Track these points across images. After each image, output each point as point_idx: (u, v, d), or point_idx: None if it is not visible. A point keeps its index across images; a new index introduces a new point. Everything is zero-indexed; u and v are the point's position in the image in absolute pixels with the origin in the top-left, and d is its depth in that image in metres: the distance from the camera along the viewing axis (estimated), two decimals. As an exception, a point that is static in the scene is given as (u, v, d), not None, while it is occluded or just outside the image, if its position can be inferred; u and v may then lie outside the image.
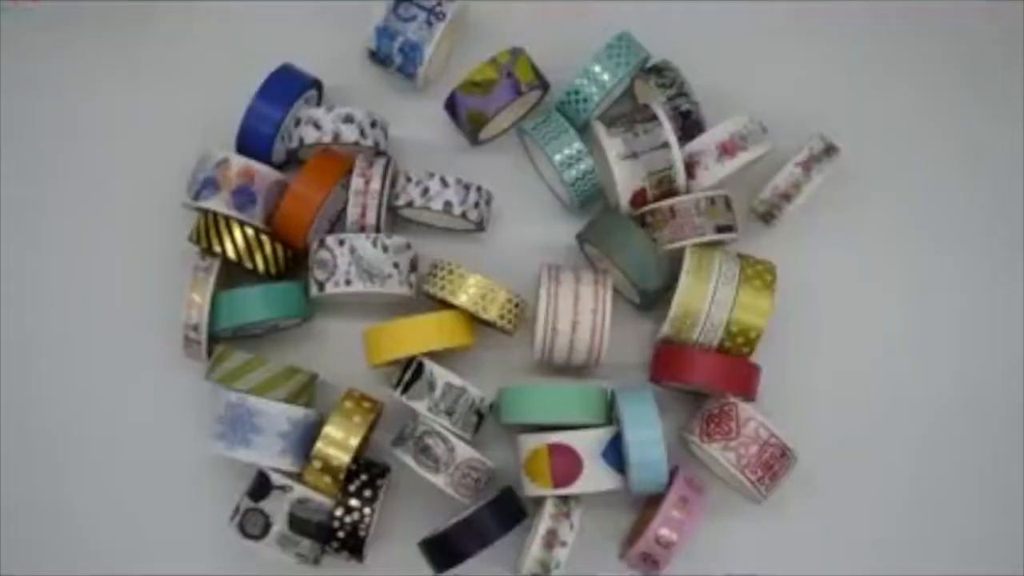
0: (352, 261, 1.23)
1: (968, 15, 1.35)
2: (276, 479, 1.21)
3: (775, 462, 1.22)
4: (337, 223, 1.33)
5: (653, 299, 1.27)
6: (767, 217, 1.32)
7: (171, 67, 1.35)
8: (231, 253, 1.25)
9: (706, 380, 1.22)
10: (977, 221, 1.33)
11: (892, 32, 1.36)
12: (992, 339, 1.31)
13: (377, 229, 1.27)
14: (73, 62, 1.34)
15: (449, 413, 1.21)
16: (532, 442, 1.21)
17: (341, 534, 1.20)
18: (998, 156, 1.34)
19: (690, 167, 1.28)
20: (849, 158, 1.31)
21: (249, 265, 1.26)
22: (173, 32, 1.35)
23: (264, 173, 1.26)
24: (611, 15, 1.33)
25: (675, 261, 1.26)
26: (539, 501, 1.23)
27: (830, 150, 1.28)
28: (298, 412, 1.22)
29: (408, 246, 1.26)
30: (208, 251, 1.26)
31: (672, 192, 1.28)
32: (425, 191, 1.27)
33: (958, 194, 1.34)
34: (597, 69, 1.28)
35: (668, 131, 1.25)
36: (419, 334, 1.22)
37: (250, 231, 1.26)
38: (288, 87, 1.28)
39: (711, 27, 1.35)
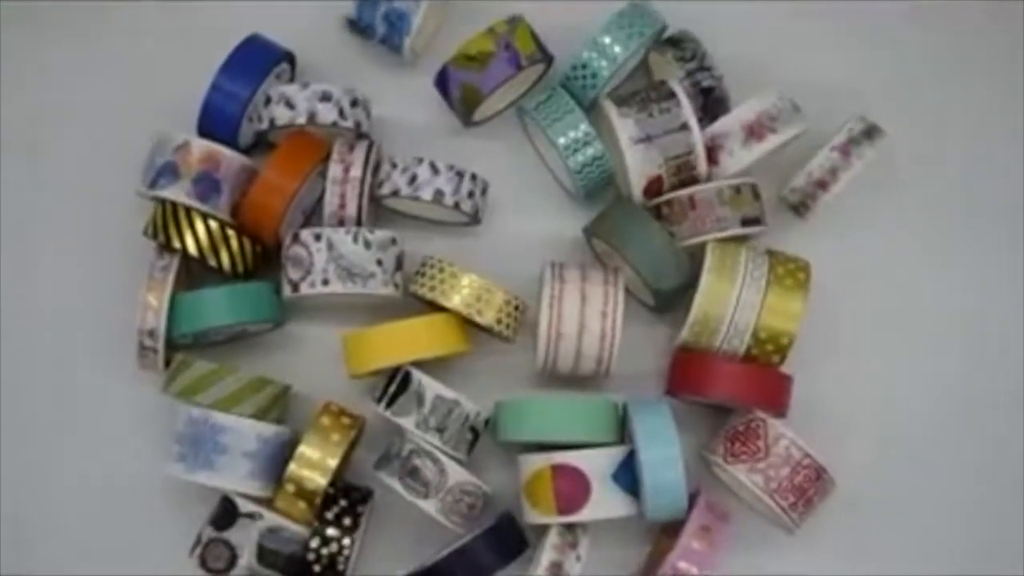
0: (330, 258, 1.23)
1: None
2: (243, 505, 1.21)
3: (809, 486, 1.22)
4: (313, 215, 1.32)
5: (670, 301, 1.27)
6: (800, 208, 1.31)
7: (124, 40, 1.35)
8: (192, 249, 1.25)
9: (730, 393, 1.22)
10: (1037, 213, 1.35)
11: (943, -1, 1.36)
12: (1056, 346, 1.33)
13: (358, 222, 1.26)
14: (16, 34, 1.34)
15: (440, 430, 1.22)
16: (534, 463, 1.21)
17: (317, 568, 1.20)
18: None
19: (712, 152, 1.27)
20: (894, 142, 1.30)
21: (213, 262, 1.25)
22: (127, 2, 1.35)
23: (230, 158, 1.26)
24: (623, -21, 1.32)
25: (695, 258, 1.25)
26: (542, 529, 1.23)
27: (872, 132, 1.28)
28: (268, 429, 1.22)
29: (393, 241, 1.26)
30: (166, 247, 1.25)
31: (692, 180, 1.27)
32: (413, 179, 1.26)
33: (1016, 185, 1.34)
34: (607, 40, 1.28)
35: (687, 110, 1.25)
36: (406, 340, 1.22)
37: (214, 224, 1.25)
38: (256, 61, 1.28)
39: (736, -8, 1.36)
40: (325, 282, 1.23)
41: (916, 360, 1.32)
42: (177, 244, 1.24)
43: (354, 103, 1.28)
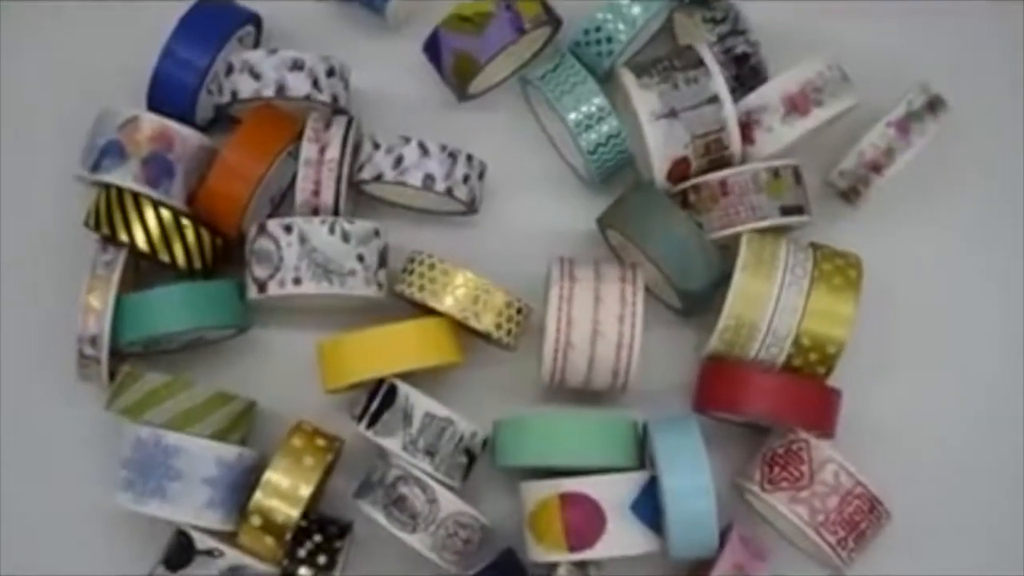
0: (302, 253, 1.23)
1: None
2: (201, 541, 1.21)
3: (861, 518, 1.22)
4: (282, 203, 1.34)
5: (698, 303, 1.28)
6: (850, 194, 1.32)
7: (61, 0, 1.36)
8: (141, 242, 1.25)
9: (769, 410, 1.23)
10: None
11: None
12: None
13: (336, 212, 1.27)
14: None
15: (430, 453, 1.22)
16: (540, 491, 1.22)
17: (287, 614, 1.23)
18: None
19: (747, 129, 1.28)
20: (960, 117, 1.31)
21: (165, 258, 1.26)
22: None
23: (185, 137, 1.27)
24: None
25: (727, 253, 1.26)
26: (549, 568, 1.23)
27: (936, 105, 1.28)
28: (230, 452, 1.22)
29: (376, 233, 1.26)
30: (110, 239, 1.26)
31: (723, 162, 1.28)
32: (398, 161, 1.27)
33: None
34: (625, 0, 1.29)
35: (718, 81, 1.26)
36: (391, 349, 1.23)
37: (167, 213, 1.26)
38: (216, 23, 1.29)
39: (774, -56, 1.37)
40: (297, 281, 1.23)
41: (984, 373, 1.32)
42: (123, 237, 1.25)
43: (330, 73, 1.29)
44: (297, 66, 1.27)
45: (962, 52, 1.35)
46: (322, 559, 1.21)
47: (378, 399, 1.23)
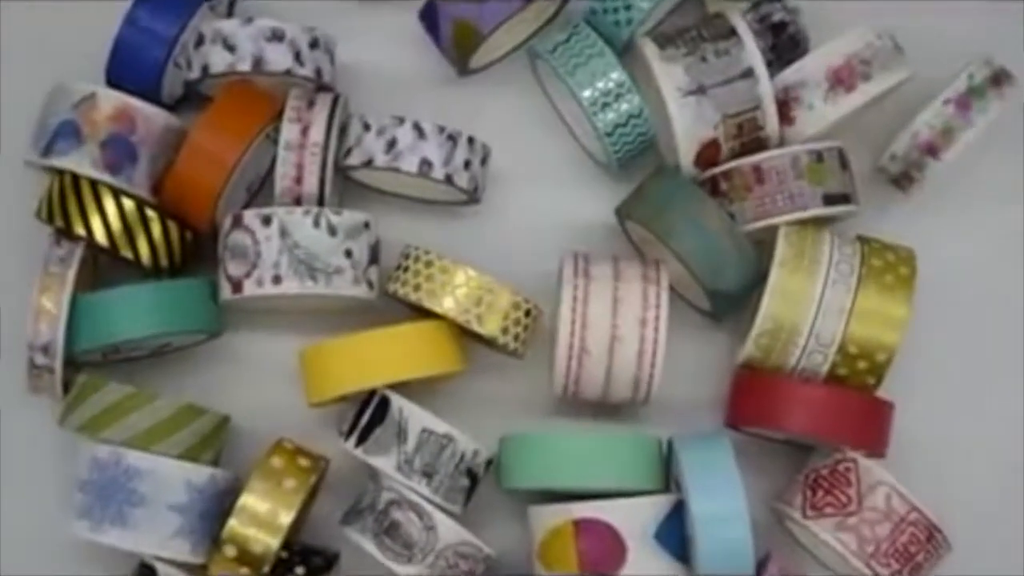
0: (283, 248, 1.23)
1: None
2: (167, 574, 1.21)
3: (917, 549, 1.23)
4: (260, 192, 1.34)
5: (730, 304, 1.28)
6: (903, 181, 1.32)
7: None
8: (100, 236, 1.25)
9: (812, 426, 1.23)
10: None
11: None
12: None
13: (320, 202, 1.27)
14: None
15: (428, 474, 1.22)
16: (551, 517, 1.22)
17: (266, 657, 1.22)
18: None
19: (785, 107, 1.28)
20: None
21: (128, 254, 1.26)
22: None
23: (149, 116, 1.27)
24: None
25: (763, 247, 1.27)
26: None
27: (1000, 79, 1.29)
28: (201, 474, 1.22)
29: (366, 226, 1.26)
30: (65, 233, 1.26)
31: (758, 144, 1.28)
32: (391, 144, 1.27)
33: None
34: None
35: (753, 52, 1.26)
36: (383, 357, 1.24)
37: (129, 204, 1.26)
38: None
39: None
40: (276, 279, 1.24)
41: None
42: (80, 230, 1.25)
43: (313, 44, 1.29)
44: (276, 37, 1.27)
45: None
46: (305, 594, 1.19)
47: (368, 413, 1.22)
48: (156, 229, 1.25)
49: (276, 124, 1.27)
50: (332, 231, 1.23)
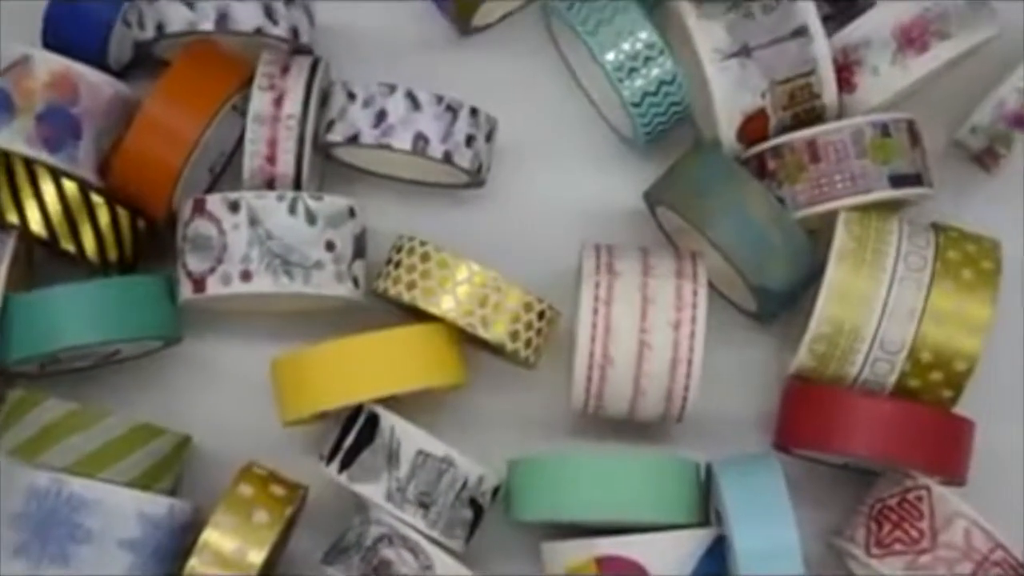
0: (254, 239, 1.22)
1: None
2: None
3: None
4: (225, 173, 1.34)
5: (780, 304, 1.28)
6: (985, 158, 1.32)
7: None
8: (37, 226, 1.25)
9: (877, 449, 1.22)
10: None
11: None
12: None
13: (297, 185, 1.26)
14: None
15: (424, 505, 1.21)
16: (570, 554, 1.21)
17: None
18: None
19: (846, 71, 1.28)
20: None
21: (69, 247, 1.26)
22: None
23: (94, 84, 1.27)
24: None
25: (818, 237, 1.27)
26: None
27: None
28: (157, 505, 1.22)
29: (352, 213, 1.25)
30: None
31: (814, 116, 1.28)
32: (380, 117, 1.26)
33: None
34: None
35: (806, 7, 1.26)
36: (371, 367, 1.23)
37: (71, 187, 1.26)
38: None
39: None
40: (246, 276, 1.22)
41: None
42: (12, 217, 1.24)
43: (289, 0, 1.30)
44: (245, -10, 1.24)
45: None
46: (280, 647, 1.16)
47: (354, 433, 1.21)
48: (103, 217, 1.24)
49: (245, 93, 1.26)
50: (311, 219, 1.22)
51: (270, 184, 1.25)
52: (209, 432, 1.28)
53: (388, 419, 1.20)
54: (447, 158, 1.25)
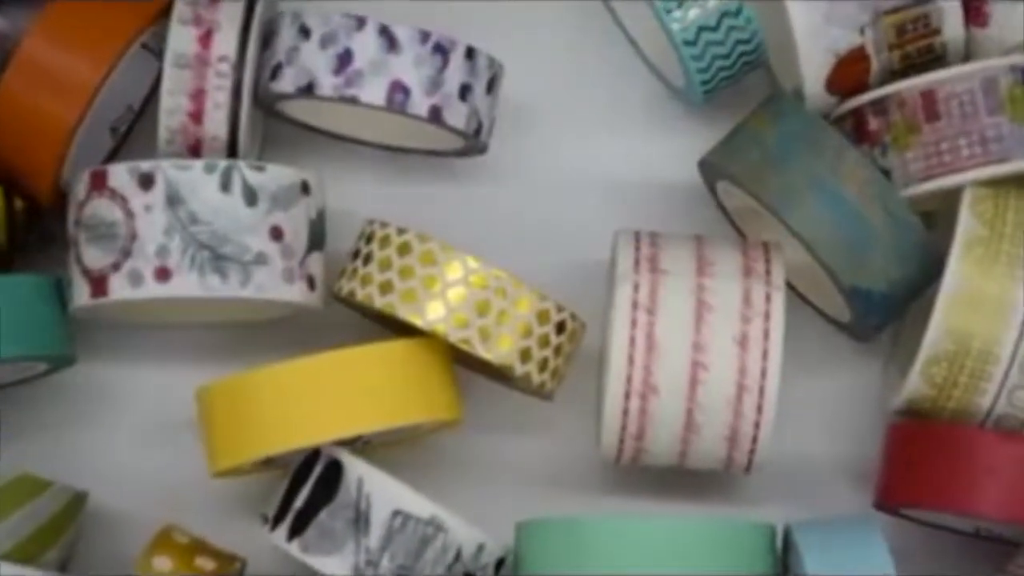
0: (173, 225, 1.21)
1: None
2: None
3: None
4: (131, 134, 1.33)
5: (883, 313, 1.26)
6: None
7: None
8: None
9: (1016, 510, 1.19)
10: None
11: None
12: None
13: (232, 151, 1.25)
14: None
15: None
16: None
17: None
18: None
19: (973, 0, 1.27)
20: None
21: None
22: None
23: None
24: None
25: (936, 223, 1.27)
26: None
27: None
28: None
29: (305, 189, 1.24)
30: None
31: (931, 59, 1.26)
32: (344, 60, 1.24)
33: None
34: None
35: None
36: (332, 398, 1.20)
37: None
38: None
39: None
40: (163, 274, 1.20)
41: None
42: None
43: None
44: None
45: None
46: None
47: (309, 487, 1.19)
48: (-32, 198, 1.14)
49: (159, 28, 1.25)
50: (250, 198, 1.20)
51: (195, 150, 1.25)
52: (112, 485, 1.27)
53: (355, 468, 1.19)
54: (435, 116, 1.24)
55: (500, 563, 1.22)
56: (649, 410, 1.20)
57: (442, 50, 1.24)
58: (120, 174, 1.19)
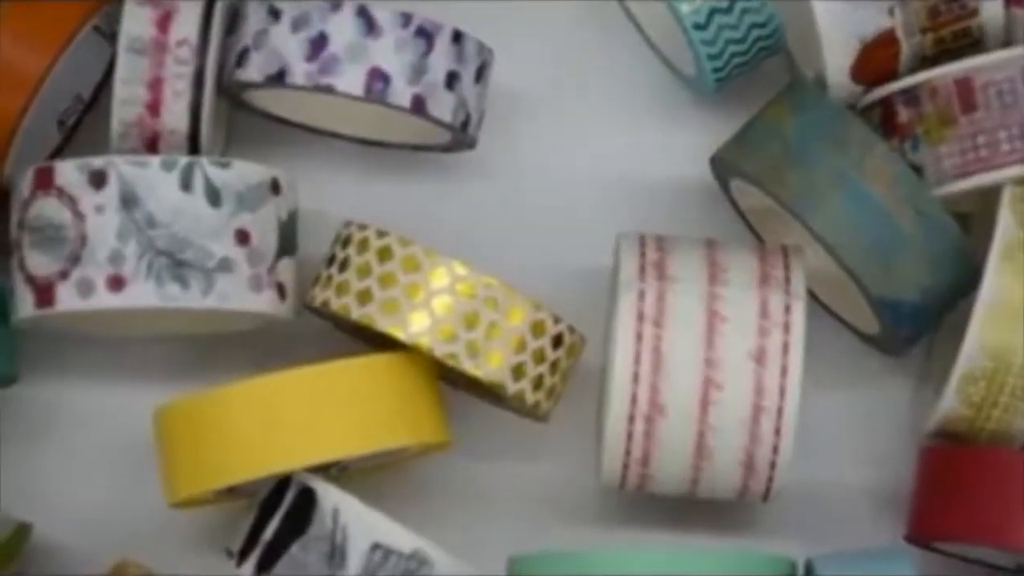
0: (128, 227, 1.20)
1: None
2: None
3: None
4: (79, 125, 1.33)
5: (914, 325, 1.26)
6: None
7: None
8: None
9: None
10: None
11: None
12: None
13: (194, 147, 1.25)
14: None
15: None
16: None
17: None
18: None
19: None
20: None
21: None
22: None
23: None
24: None
25: (972, 225, 1.28)
26: None
27: None
28: None
29: (275, 188, 1.23)
30: None
31: (967, 43, 1.26)
32: (318, 45, 1.24)
33: None
34: None
35: None
36: (305, 419, 1.19)
37: None
38: None
39: None
40: (116, 283, 1.19)
41: None
42: None
43: None
44: None
45: None
46: None
47: (279, 518, 1.19)
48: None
49: (112, 7, 1.25)
50: (214, 198, 1.20)
51: (152, 144, 1.25)
52: (59, 516, 1.27)
53: (330, 497, 1.19)
54: (418, 106, 1.24)
55: (491, 602, 1.12)
56: (655, 433, 1.20)
57: (426, 34, 1.23)
58: (68, 171, 1.19)
